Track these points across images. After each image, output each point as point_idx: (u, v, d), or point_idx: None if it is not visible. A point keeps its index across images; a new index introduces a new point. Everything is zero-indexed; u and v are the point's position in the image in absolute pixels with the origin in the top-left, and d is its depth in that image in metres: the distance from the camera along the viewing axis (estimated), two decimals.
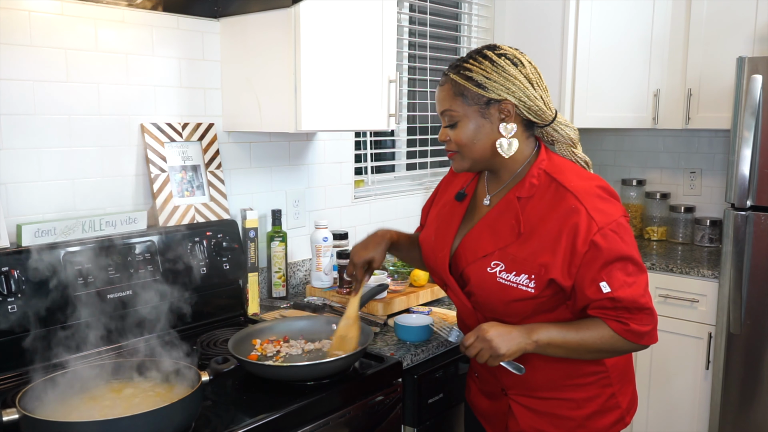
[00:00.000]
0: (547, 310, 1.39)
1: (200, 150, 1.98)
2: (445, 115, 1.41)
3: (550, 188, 1.36)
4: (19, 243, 1.57)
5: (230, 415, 1.35)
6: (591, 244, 1.29)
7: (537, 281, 1.33)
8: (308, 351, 1.62)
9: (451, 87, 1.39)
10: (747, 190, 2.50)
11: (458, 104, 1.38)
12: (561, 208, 1.32)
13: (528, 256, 1.34)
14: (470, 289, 1.42)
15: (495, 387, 1.54)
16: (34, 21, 1.62)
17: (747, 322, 2.57)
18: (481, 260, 1.40)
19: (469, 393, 1.68)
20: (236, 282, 1.98)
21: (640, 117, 3.07)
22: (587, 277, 1.31)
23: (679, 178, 3.43)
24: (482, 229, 1.42)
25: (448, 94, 1.39)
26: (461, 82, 1.37)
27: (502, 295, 1.37)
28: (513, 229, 1.37)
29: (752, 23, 2.80)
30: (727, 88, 2.85)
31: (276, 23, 1.84)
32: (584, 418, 1.46)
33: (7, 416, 1.13)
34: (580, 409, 1.45)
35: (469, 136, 1.38)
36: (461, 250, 1.45)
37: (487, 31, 3.18)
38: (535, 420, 1.47)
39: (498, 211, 1.41)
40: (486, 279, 1.38)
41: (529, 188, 1.38)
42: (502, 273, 1.36)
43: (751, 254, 2.54)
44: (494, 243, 1.39)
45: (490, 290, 1.38)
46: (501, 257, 1.37)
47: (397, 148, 2.89)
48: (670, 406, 2.88)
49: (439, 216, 1.56)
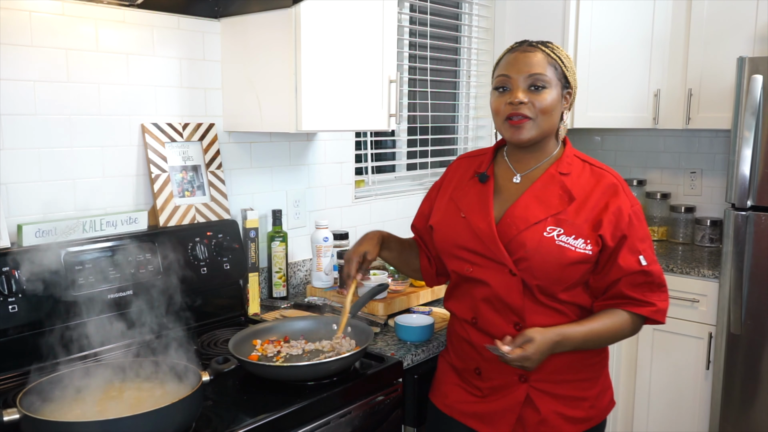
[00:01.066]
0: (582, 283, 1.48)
1: (201, 150, 1.97)
2: (535, 77, 1.45)
3: (585, 169, 1.50)
4: (19, 243, 1.57)
5: (231, 415, 1.35)
6: (630, 216, 1.45)
7: (593, 244, 1.43)
8: (309, 351, 1.62)
9: (544, 56, 1.47)
10: (747, 190, 2.50)
11: (550, 72, 1.46)
12: (602, 184, 1.47)
13: (582, 222, 1.44)
14: (524, 254, 1.44)
15: (510, 378, 1.51)
16: (35, 21, 1.62)
17: (747, 322, 2.57)
18: (534, 226, 1.44)
19: (444, 398, 1.62)
20: (237, 282, 1.98)
21: (641, 117, 3.07)
22: (625, 246, 1.44)
23: (679, 178, 3.43)
24: (529, 199, 1.48)
25: (542, 60, 1.46)
26: (553, 56, 1.48)
27: (561, 258, 1.42)
28: (562, 198, 1.46)
29: (752, 23, 2.80)
30: (727, 88, 2.85)
31: (276, 23, 1.84)
32: (594, 398, 1.55)
33: (8, 416, 1.13)
34: (592, 388, 1.55)
35: (551, 104, 1.46)
36: (509, 220, 1.47)
37: (487, 31, 3.18)
38: (556, 404, 1.50)
39: (542, 184, 1.49)
40: (544, 242, 1.43)
41: (567, 166, 1.50)
42: (561, 236, 1.43)
43: (752, 254, 2.54)
44: (545, 211, 1.45)
45: (548, 253, 1.42)
46: (556, 223, 1.44)
47: (398, 148, 2.89)
48: (671, 406, 2.88)
49: (461, 198, 1.57)
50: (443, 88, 3.07)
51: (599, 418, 1.56)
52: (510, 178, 1.54)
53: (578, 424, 1.52)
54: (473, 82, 3.20)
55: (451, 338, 1.65)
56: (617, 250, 1.44)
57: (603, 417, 1.57)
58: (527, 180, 1.52)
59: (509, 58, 1.49)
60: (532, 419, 1.50)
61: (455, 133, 3.21)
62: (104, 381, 1.35)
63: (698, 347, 2.77)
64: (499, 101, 1.48)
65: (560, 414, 1.50)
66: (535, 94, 1.45)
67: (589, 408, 1.53)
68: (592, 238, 1.43)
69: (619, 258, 1.44)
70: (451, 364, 1.63)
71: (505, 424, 1.51)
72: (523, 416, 1.50)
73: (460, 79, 3.17)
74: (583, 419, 1.53)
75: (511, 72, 1.46)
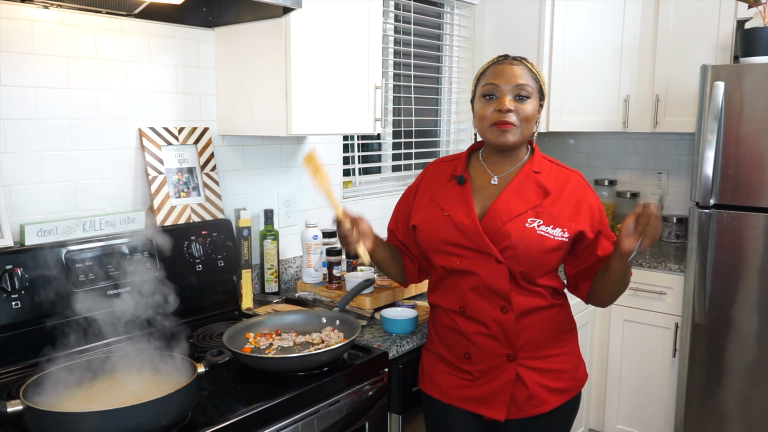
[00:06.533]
0: (555, 269, 1.58)
1: (196, 153, 1.96)
2: (520, 88, 1.52)
3: (553, 169, 1.59)
4: (22, 242, 1.56)
5: (225, 404, 1.35)
6: (600, 210, 1.58)
7: (569, 232, 1.52)
8: (299, 343, 1.62)
9: (528, 69, 1.55)
10: (710, 190, 2.53)
11: (532, 83, 1.54)
12: (571, 182, 1.57)
13: (558, 213, 1.52)
14: (509, 243, 1.49)
15: (499, 359, 1.54)
16: (37, 30, 1.60)
17: (711, 313, 2.60)
18: (516, 218, 1.51)
19: (440, 388, 1.62)
20: (230, 278, 1.97)
21: (612, 121, 3.10)
22: (602, 236, 1.57)
23: (647, 178, 3.46)
24: (509, 195, 1.54)
25: (526, 73, 1.54)
26: (533, 69, 1.56)
27: (542, 245, 1.49)
28: (538, 193, 1.53)
29: (715, 34, 2.83)
30: (691, 94, 2.88)
31: (268, 32, 1.84)
32: (572, 369, 1.62)
33: (12, 407, 1.13)
34: (570, 361, 1.62)
35: (532, 113, 1.54)
36: (493, 214, 1.53)
37: (468, 40, 3.18)
38: (541, 378, 1.56)
39: (519, 181, 1.56)
40: (526, 232, 1.50)
41: (538, 165, 1.58)
42: (541, 226, 1.50)
43: (715, 249, 2.57)
44: (525, 204, 1.52)
45: (531, 242, 1.49)
46: (535, 215, 1.51)
47: (383, 150, 2.89)
48: (641, 392, 2.91)
49: (442, 199, 1.59)
50: (426, 94, 3.07)
51: (577, 389, 1.63)
52: (487, 179, 1.60)
53: (561, 395, 1.58)
54: (454, 88, 3.21)
55: (436, 330, 1.66)
56: (596, 242, 1.56)
57: (580, 388, 1.65)
58: (504, 181, 1.59)
59: (496, 69, 1.54)
60: (521, 395, 1.54)
61: (437, 136, 3.21)
62: (104, 373, 1.34)
63: (665, 336, 2.80)
64: (486, 108, 1.53)
65: (545, 387, 1.56)
66: (520, 103, 1.52)
67: (569, 379, 1.60)
68: (569, 227, 1.52)
69: (598, 248, 1.57)
70: (439, 354, 1.64)
71: (501, 403, 1.54)
72: (514, 393, 1.54)
73: (442, 85, 3.18)
74: (564, 390, 1.59)
75: (500, 81, 1.52)
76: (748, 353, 2.52)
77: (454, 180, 1.61)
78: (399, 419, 1.73)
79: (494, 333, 1.53)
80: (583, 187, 1.58)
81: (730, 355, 2.56)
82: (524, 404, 1.55)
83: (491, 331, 1.53)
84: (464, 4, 3.12)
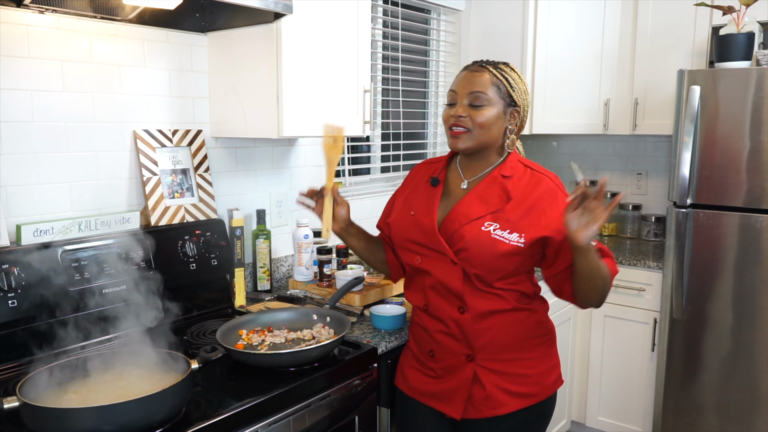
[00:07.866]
0: (520, 273, 1.52)
1: (189, 155, 1.96)
2: (475, 95, 1.49)
3: (526, 173, 1.54)
4: (18, 242, 1.55)
5: (218, 399, 1.35)
6: None
7: (526, 238, 1.46)
8: (291, 340, 1.62)
9: (489, 76, 1.51)
10: (687, 190, 2.55)
11: (492, 92, 1.50)
12: (541, 187, 1.51)
13: (518, 219, 1.47)
14: (463, 245, 1.48)
15: (458, 358, 1.54)
16: (33, 35, 1.59)
17: (688, 309, 2.62)
18: (474, 221, 1.49)
19: (407, 382, 1.64)
20: (224, 277, 1.97)
21: (593, 124, 3.12)
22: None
23: (627, 179, 3.49)
24: (472, 198, 1.53)
25: (486, 80, 1.50)
26: (499, 77, 1.51)
27: (495, 249, 1.46)
28: (501, 197, 1.50)
29: (691, 39, 2.86)
30: (669, 98, 2.91)
31: (259, 37, 1.84)
32: (539, 375, 1.56)
33: (8, 404, 1.12)
34: (536, 366, 1.56)
35: (489, 120, 1.50)
36: (453, 216, 1.51)
37: (453, 45, 3.20)
38: (500, 381, 1.52)
39: (485, 185, 1.54)
40: (481, 235, 1.47)
41: (510, 170, 1.54)
42: (496, 231, 1.47)
43: (692, 247, 2.59)
44: (485, 208, 1.50)
45: (484, 245, 1.46)
46: (494, 219, 1.48)
47: (372, 152, 2.90)
48: (621, 384, 2.93)
49: (414, 199, 1.62)
50: (414, 97, 3.08)
51: (545, 394, 1.57)
52: (459, 184, 1.59)
53: (522, 399, 1.53)
54: (441, 91, 3.22)
55: (411, 326, 1.68)
56: (565, 245, 1.45)
57: (549, 393, 1.58)
58: (472, 184, 1.57)
59: (460, 76, 1.55)
60: (478, 395, 1.53)
61: (425, 138, 3.22)
62: (100, 370, 1.34)
63: (644, 331, 2.83)
64: (447, 113, 1.55)
65: (504, 389, 1.52)
66: (474, 110, 1.49)
67: (532, 384, 1.54)
68: (527, 233, 1.46)
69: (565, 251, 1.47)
70: (411, 349, 1.66)
71: (458, 401, 1.54)
72: (472, 393, 1.53)
73: (429, 89, 3.18)
74: (526, 394, 1.54)
75: (458, 89, 1.53)
76: (723, 347, 2.55)
77: (429, 181, 1.62)
78: (388, 413, 1.74)
79: (453, 332, 1.53)
80: (553, 191, 1.50)
81: (706, 349, 2.59)
82: (481, 405, 1.52)
83: (450, 330, 1.53)
84: (450, 10, 3.13)
